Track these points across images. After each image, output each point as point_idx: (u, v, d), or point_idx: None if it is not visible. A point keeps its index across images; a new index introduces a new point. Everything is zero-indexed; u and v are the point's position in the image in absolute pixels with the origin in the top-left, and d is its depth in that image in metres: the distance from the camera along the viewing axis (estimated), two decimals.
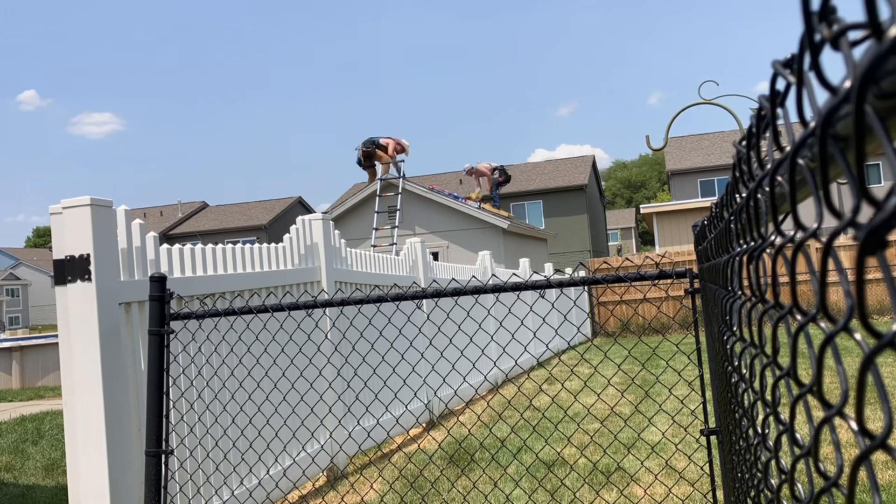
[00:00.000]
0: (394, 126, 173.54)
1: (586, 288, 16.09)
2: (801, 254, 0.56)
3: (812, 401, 5.33)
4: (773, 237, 0.68)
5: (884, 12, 0.37)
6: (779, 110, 0.63)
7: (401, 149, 15.26)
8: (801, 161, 0.56)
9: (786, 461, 0.76)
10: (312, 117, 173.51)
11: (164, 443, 2.80)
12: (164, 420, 2.80)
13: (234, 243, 4.26)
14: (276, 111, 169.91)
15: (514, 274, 3.79)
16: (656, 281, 2.37)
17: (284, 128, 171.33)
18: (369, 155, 15.04)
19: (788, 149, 0.57)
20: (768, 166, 0.67)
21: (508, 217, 17.94)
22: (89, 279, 3.03)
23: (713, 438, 3.44)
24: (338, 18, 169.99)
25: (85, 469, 3.00)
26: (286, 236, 4.88)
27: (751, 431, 1.13)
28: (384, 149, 15.03)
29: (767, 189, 0.67)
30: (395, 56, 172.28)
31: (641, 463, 3.09)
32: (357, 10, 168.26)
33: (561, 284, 2.36)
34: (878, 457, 4.50)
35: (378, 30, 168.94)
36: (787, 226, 0.61)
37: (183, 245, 3.78)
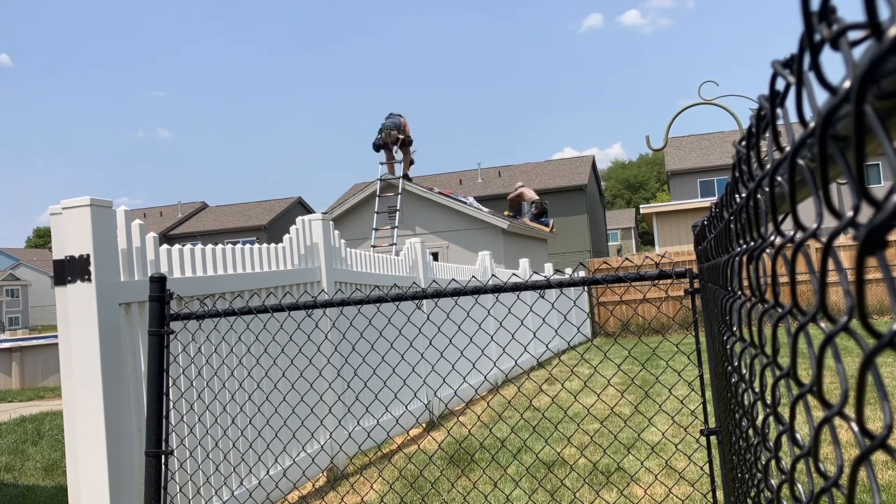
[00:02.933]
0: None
1: (586, 288, 16.09)
2: (800, 254, 0.56)
3: (812, 401, 5.33)
4: (772, 237, 0.68)
5: (883, 12, 0.37)
6: (778, 110, 0.63)
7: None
8: (800, 161, 0.56)
9: (786, 461, 0.76)
10: (312, 118, 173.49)
11: (163, 443, 2.80)
12: (163, 420, 2.79)
13: (234, 244, 4.26)
14: (275, 111, 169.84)
15: (513, 274, 3.80)
16: (656, 281, 2.37)
17: (284, 128, 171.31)
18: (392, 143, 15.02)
19: (788, 149, 0.57)
20: (768, 166, 0.67)
21: (550, 231, 18.59)
22: (89, 279, 3.03)
23: (713, 438, 3.44)
24: (346, 20, 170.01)
25: (85, 469, 3.00)
26: (286, 237, 4.88)
27: (751, 431, 1.13)
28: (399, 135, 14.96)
29: (767, 189, 0.67)
30: (404, 57, 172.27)
31: (641, 463, 3.08)
32: (367, 14, 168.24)
33: (561, 285, 2.36)
34: (878, 457, 4.50)
35: (389, 32, 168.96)
36: (787, 226, 0.61)
37: (183, 245, 3.78)
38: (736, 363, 1.21)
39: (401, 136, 14.94)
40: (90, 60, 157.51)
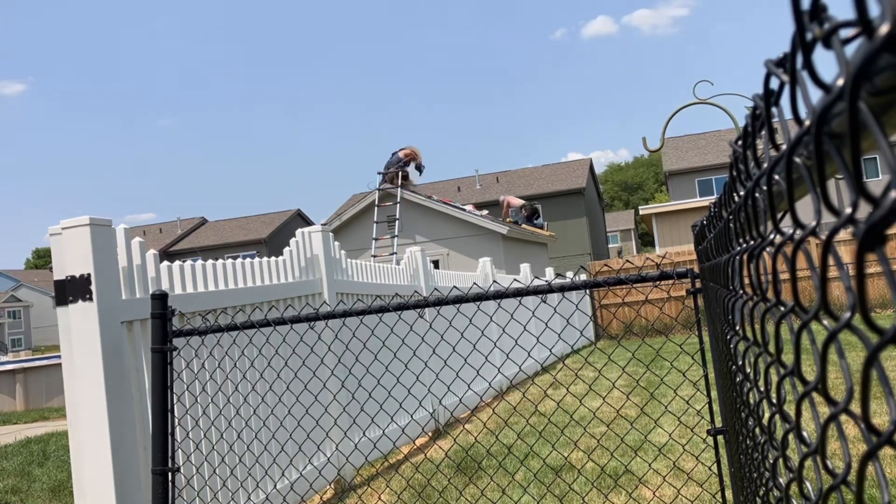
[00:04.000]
0: (400, 135, 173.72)
1: (588, 291, 16.08)
2: (800, 251, 0.56)
3: (818, 397, 5.31)
4: (772, 235, 0.69)
5: (873, 10, 0.37)
6: (774, 109, 0.64)
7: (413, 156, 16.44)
8: (797, 159, 0.57)
9: (794, 459, 0.76)
10: (310, 129, 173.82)
11: (170, 460, 2.79)
12: (169, 437, 2.79)
13: (235, 258, 4.26)
14: (272, 122, 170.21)
15: (515, 279, 3.80)
16: (657, 282, 2.37)
17: (281, 140, 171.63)
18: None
19: (785, 147, 0.57)
20: (765, 165, 0.67)
21: (550, 235, 18.66)
22: (90, 299, 3.03)
23: (720, 438, 3.44)
24: (345, 30, 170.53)
25: (91, 490, 3.00)
26: (286, 249, 4.88)
27: (757, 430, 1.12)
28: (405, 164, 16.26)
29: (765, 188, 0.67)
30: (403, 66, 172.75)
31: (649, 465, 3.08)
32: (366, 25, 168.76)
33: (563, 288, 2.36)
34: (886, 451, 4.48)
35: (388, 42, 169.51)
36: (786, 223, 0.61)
37: (183, 262, 3.78)
38: (740, 362, 1.20)
39: (405, 171, 16.23)
40: (86, 76, 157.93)
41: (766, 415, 0.92)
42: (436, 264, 16.23)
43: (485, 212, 17.41)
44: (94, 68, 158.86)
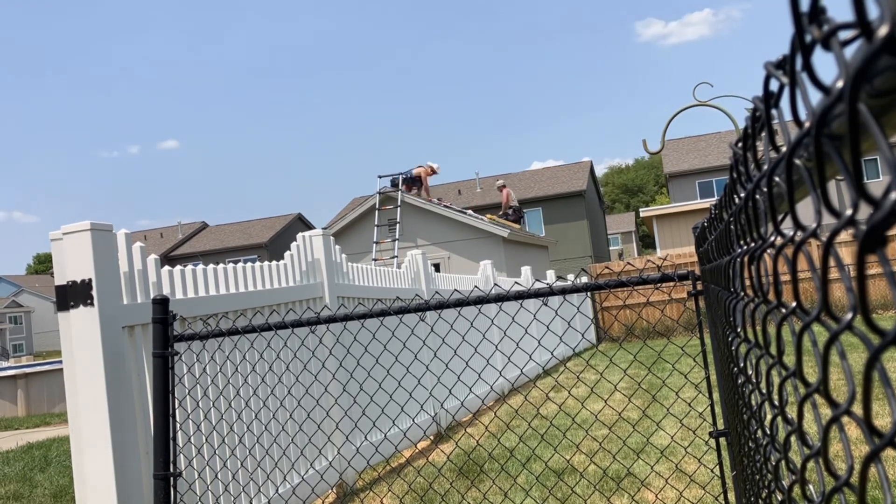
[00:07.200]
0: (401, 137, 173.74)
1: (589, 294, 16.08)
2: (801, 253, 0.56)
3: (820, 399, 5.30)
4: (772, 237, 0.69)
5: (872, 12, 0.37)
6: (773, 111, 0.64)
7: (432, 171, 17.18)
8: (797, 161, 0.57)
9: (796, 461, 0.76)
10: (309, 132, 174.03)
11: (172, 465, 2.79)
12: (171, 442, 2.79)
13: (236, 262, 4.26)
14: (271, 126, 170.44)
15: (516, 282, 3.79)
16: (659, 284, 2.36)
17: (281, 144, 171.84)
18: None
19: (785, 149, 0.57)
20: (765, 167, 0.67)
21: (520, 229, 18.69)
22: (92, 304, 3.03)
23: (722, 440, 3.43)
24: (351, 37, 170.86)
25: (93, 495, 2.99)
26: (287, 253, 4.88)
27: (759, 432, 1.12)
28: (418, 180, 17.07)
29: (765, 189, 0.67)
30: (407, 68, 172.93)
31: (651, 468, 3.08)
32: (366, 34, 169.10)
33: (564, 291, 2.36)
34: (889, 452, 4.48)
35: (389, 50, 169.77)
36: (787, 225, 0.61)
37: (184, 266, 3.78)
38: (742, 364, 1.20)
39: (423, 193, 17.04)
40: (85, 78, 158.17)
41: (768, 417, 0.92)
42: (437, 267, 16.23)
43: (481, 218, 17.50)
44: (93, 69, 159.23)
